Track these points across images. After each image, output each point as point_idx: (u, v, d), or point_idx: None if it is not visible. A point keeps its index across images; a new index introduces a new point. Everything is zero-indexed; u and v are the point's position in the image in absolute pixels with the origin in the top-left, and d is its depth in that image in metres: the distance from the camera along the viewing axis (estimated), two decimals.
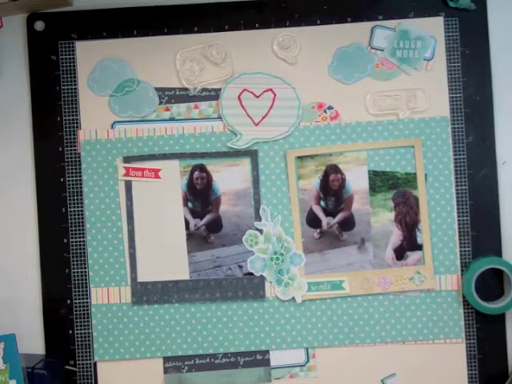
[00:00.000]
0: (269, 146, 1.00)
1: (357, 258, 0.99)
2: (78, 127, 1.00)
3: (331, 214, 1.00)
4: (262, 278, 0.99)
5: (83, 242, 1.00)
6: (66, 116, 1.00)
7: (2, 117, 1.01)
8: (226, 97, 1.00)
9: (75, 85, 1.00)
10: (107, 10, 1.00)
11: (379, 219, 0.99)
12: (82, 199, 1.00)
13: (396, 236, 0.99)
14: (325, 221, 1.00)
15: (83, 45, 1.00)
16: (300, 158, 0.99)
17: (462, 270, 0.99)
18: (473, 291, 0.96)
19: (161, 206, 1.00)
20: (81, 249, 1.00)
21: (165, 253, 1.00)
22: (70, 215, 1.00)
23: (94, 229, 1.00)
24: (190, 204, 1.00)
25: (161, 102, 1.00)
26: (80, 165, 1.00)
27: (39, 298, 1.01)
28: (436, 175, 0.99)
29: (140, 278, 1.00)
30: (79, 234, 1.00)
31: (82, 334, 1.00)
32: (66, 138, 1.00)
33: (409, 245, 0.99)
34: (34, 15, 1.00)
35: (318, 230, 1.00)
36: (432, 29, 0.99)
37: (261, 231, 0.99)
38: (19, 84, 1.01)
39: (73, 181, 1.00)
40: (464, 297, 0.98)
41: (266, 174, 1.00)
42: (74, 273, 1.00)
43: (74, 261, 1.00)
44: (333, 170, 0.99)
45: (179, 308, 1.00)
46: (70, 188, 1.00)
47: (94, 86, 1.00)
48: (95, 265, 1.00)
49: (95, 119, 1.00)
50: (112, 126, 1.00)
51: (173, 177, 1.00)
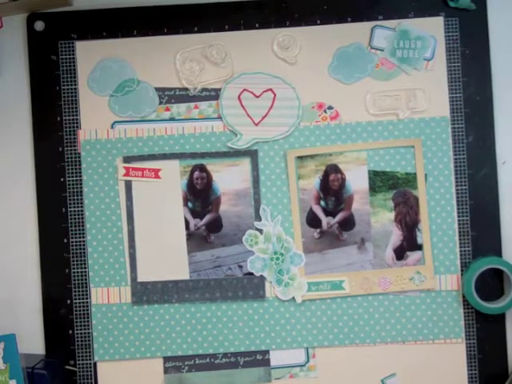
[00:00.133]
0: (269, 146, 1.00)
1: (357, 258, 0.99)
2: (78, 127, 1.00)
3: (331, 213, 1.00)
4: (262, 278, 0.99)
5: (83, 242, 1.00)
6: (65, 116, 1.00)
7: (2, 117, 1.01)
8: (226, 97, 1.00)
9: (75, 85, 1.00)
10: (107, 10, 1.00)
11: (379, 219, 0.99)
12: (81, 199, 1.00)
13: (396, 236, 0.99)
14: (325, 221, 1.00)
15: (83, 45, 1.00)
16: (300, 157, 0.99)
17: (462, 270, 0.99)
18: (473, 291, 0.96)
19: (161, 206, 1.00)
20: (81, 249, 1.00)
21: (165, 253, 1.00)
22: (70, 215, 1.00)
23: (94, 229, 1.00)
24: (190, 204, 1.00)
25: (161, 102, 1.00)
26: (80, 165, 1.00)
27: (39, 298, 1.01)
28: (436, 175, 0.99)
29: (140, 278, 1.00)
30: (79, 234, 1.00)
31: (81, 334, 1.00)
32: (66, 138, 1.00)
33: (409, 245, 0.99)
34: (34, 15, 1.00)
35: (317, 230, 1.00)
36: (432, 29, 0.99)
37: (261, 231, 0.99)
38: (19, 84, 1.01)
39: (73, 181, 1.00)
40: (464, 297, 0.98)
41: (266, 174, 1.00)
42: (74, 273, 1.00)
43: (73, 261, 1.00)
44: (333, 169, 0.99)
45: (179, 308, 1.00)
46: (70, 188, 1.00)
47: (94, 86, 1.00)
48: (95, 265, 1.00)
49: (95, 119, 1.00)
50: (112, 126, 1.00)
51: (173, 177, 1.00)
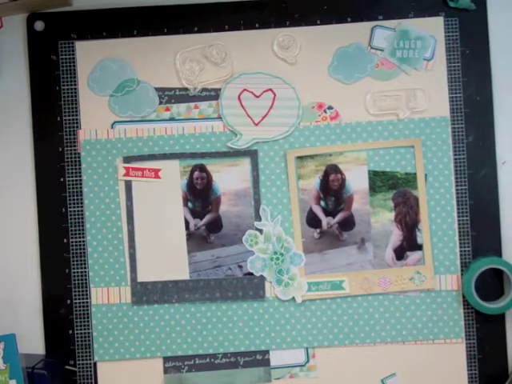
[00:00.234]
0: (269, 146, 1.00)
1: (357, 258, 0.99)
2: (78, 127, 1.00)
3: (331, 214, 1.00)
4: (262, 278, 0.99)
5: (83, 242, 1.00)
6: (65, 116, 1.00)
7: (2, 117, 1.01)
8: (226, 97, 1.00)
9: (75, 85, 1.00)
10: (107, 10, 1.00)
11: (379, 219, 0.99)
12: (82, 199, 1.00)
13: (396, 236, 0.99)
14: (325, 221, 1.00)
15: (83, 45, 1.00)
16: (300, 158, 0.99)
17: (462, 270, 0.99)
18: (473, 291, 0.96)
19: (161, 206, 1.00)
20: (81, 249, 1.00)
21: (165, 253, 1.00)
22: (70, 215, 1.00)
23: (94, 229, 1.00)
24: (190, 204, 1.00)
25: (161, 102, 1.00)
26: (80, 165, 1.00)
27: (39, 298, 1.01)
28: (436, 175, 0.99)
29: (140, 278, 1.00)
30: (79, 234, 1.00)
31: (82, 334, 1.00)
32: (66, 138, 1.00)
33: (409, 245, 0.99)
34: (34, 15, 1.00)
35: (318, 230, 1.00)
36: (432, 29, 0.99)
37: (261, 231, 0.99)
38: (19, 84, 1.01)
39: (73, 181, 1.00)
40: (464, 297, 0.98)
41: (266, 174, 1.00)
42: (74, 273, 1.00)
43: (74, 261, 1.00)
44: (333, 170, 0.99)
45: (179, 308, 1.00)
46: (70, 188, 1.00)
47: (94, 85, 1.00)
48: (95, 265, 1.00)
49: (95, 119, 1.00)
50: (112, 126, 1.00)
51: (173, 177, 1.00)
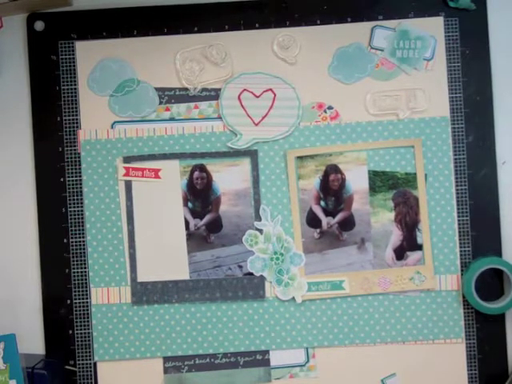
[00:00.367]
0: (269, 146, 1.00)
1: (357, 258, 0.99)
2: (78, 127, 1.00)
3: (331, 214, 1.00)
4: (262, 278, 0.99)
5: (83, 242, 1.00)
6: (65, 116, 1.00)
7: (2, 117, 1.01)
8: (226, 97, 1.00)
9: (75, 85, 1.00)
10: (107, 10, 1.00)
11: (379, 219, 0.99)
12: (82, 199, 1.00)
13: (396, 236, 0.99)
14: (325, 221, 1.00)
15: (83, 45, 1.00)
16: (300, 158, 0.99)
17: (462, 270, 0.99)
18: (473, 291, 0.96)
19: (161, 206, 1.00)
20: (81, 249, 1.00)
21: (165, 253, 1.00)
22: (70, 215, 1.00)
23: (94, 229, 1.00)
24: (190, 204, 1.00)
25: (161, 102, 1.00)
26: (80, 165, 1.00)
27: (39, 298, 1.01)
28: (436, 175, 0.99)
29: (140, 278, 1.00)
30: (79, 234, 1.00)
31: (81, 334, 1.00)
32: (66, 138, 1.00)
33: (409, 245, 0.99)
34: (34, 15, 1.00)
35: (318, 230, 1.00)
36: (432, 29, 0.99)
37: (261, 231, 0.99)
38: (19, 84, 1.01)
39: (73, 181, 1.00)
40: (464, 297, 0.98)
41: (266, 174, 1.00)
42: (74, 273, 1.00)
43: (74, 261, 1.00)
44: (333, 169, 0.99)
45: (179, 308, 1.00)
46: (69, 188, 1.00)
47: (94, 86, 1.00)
48: (95, 265, 1.00)
49: (95, 119, 1.00)
50: (112, 126, 1.00)
51: (173, 177, 1.00)
